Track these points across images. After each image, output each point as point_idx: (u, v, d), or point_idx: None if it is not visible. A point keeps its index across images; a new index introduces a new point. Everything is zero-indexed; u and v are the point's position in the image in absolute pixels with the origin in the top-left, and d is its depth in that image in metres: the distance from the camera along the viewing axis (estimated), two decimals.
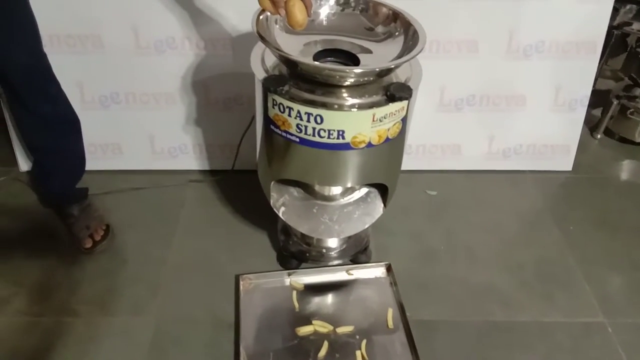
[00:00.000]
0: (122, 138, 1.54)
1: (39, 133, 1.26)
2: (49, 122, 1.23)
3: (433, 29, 1.03)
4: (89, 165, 1.43)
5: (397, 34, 1.05)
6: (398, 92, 0.95)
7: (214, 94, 1.48)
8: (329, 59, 1.04)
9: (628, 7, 1.81)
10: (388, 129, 0.99)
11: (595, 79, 1.54)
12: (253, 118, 1.12)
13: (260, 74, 1.00)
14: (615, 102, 1.82)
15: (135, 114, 1.49)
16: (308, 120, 0.95)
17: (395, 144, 1.04)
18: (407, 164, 1.19)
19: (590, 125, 1.87)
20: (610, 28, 1.48)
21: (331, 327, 1.16)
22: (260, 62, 1.03)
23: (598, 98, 1.77)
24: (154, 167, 1.58)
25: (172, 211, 1.46)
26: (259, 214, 1.40)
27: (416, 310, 1.21)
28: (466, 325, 1.21)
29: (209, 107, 1.50)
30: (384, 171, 1.11)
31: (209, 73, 1.44)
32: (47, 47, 1.18)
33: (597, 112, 1.88)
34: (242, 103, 1.48)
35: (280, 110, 0.97)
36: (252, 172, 1.26)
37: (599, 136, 1.86)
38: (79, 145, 1.36)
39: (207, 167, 1.61)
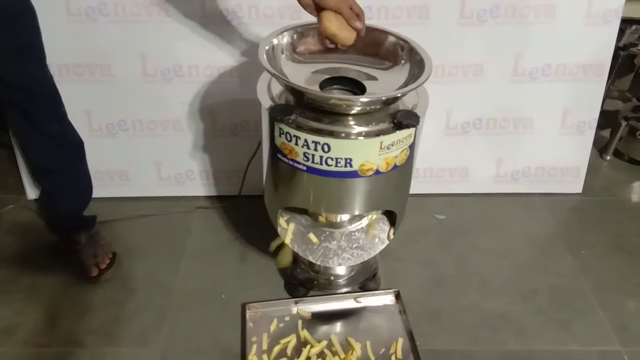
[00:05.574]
0: (129, 165, 1.54)
1: (47, 154, 1.27)
2: (58, 142, 1.25)
3: (438, 54, 1.03)
4: (96, 193, 1.43)
5: (402, 61, 1.06)
6: (405, 120, 0.94)
7: (221, 120, 1.48)
8: (335, 87, 1.04)
9: (634, 27, 1.81)
10: (396, 156, 0.98)
11: (603, 100, 1.53)
12: (260, 144, 1.12)
13: (266, 103, 1.00)
14: (623, 123, 1.81)
15: (142, 141, 1.49)
16: (315, 149, 0.94)
17: (403, 171, 1.04)
18: (415, 187, 1.17)
19: (599, 146, 1.85)
20: (617, 49, 1.48)
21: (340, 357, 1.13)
22: (267, 91, 1.03)
23: (606, 119, 1.76)
24: (160, 194, 1.58)
25: (179, 238, 1.45)
26: (266, 240, 1.38)
27: (427, 339, 1.18)
28: (480, 355, 1.18)
29: (215, 133, 1.50)
30: (392, 198, 1.10)
31: (215, 100, 1.44)
32: (56, 77, 1.20)
33: (606, 132, 1.86)
34: (249, 129, 1.49)
35: (287, 139, 0.96)
36: (259, 197, 1.25)
37: (608, 157, 1.84)
38: (85, 169, 1.36)
39: (214, 193, 1.60)
